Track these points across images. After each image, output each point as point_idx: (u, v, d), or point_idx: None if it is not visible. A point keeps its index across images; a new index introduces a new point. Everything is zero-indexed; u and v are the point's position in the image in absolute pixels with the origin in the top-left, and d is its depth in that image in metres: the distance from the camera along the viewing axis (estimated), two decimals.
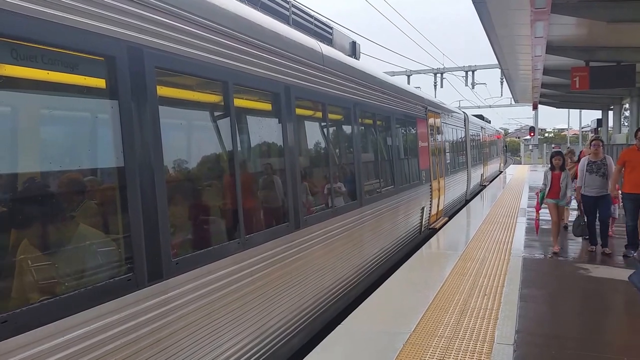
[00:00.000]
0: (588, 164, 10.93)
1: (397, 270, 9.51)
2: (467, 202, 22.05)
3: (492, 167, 37.26)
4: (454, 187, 19.54)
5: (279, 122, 6.58)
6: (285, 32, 6.96)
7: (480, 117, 36.36)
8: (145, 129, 4.13)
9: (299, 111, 7.03)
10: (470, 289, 8.17)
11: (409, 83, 36.13)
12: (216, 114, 5.55)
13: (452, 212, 18.63)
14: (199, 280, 4.68)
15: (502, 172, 42.57)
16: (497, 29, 13.65)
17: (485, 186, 29.13)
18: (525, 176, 35.26)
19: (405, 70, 39.11)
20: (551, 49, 15.56)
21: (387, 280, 8.81)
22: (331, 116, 8.42)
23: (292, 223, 6.64)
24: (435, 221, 15.56)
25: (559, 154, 11.26)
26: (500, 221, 15.01)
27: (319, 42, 8.24)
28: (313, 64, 7.52)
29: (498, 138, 46.00)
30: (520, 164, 63.42)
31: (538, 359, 5.78)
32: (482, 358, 5.63)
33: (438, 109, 17.57)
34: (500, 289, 8.18)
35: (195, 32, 4.85)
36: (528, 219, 15.24)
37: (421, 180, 13.81)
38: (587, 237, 11.31)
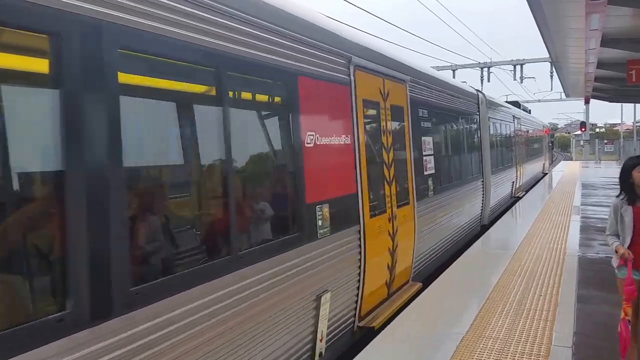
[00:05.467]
0: None
1: (447, 269, 9.40)
2: (485, 228, 14.23)
3: (531, 169, 27.75)
4: (447, 216, 11.01)
5: None
6: None
7: (516, 104, 27.56)
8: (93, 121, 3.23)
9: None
10: (524, 289, 7.99)
11: (454, 77, 33.89)
12: None
13: (445, 258, 10.83)
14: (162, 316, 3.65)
15: (546, 174, 34.43)
16: (549, 21, 13.27)
17: (519, 197, 20.87)
18: (577, 172, 34.33)
19: (450, 64, 38.54)
20: (605, 41, 15.02)
21: (436, 280, 8.71)
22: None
23: None
24: (381, 302, 7.51)
25: None
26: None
27: None
28: None
29: (546, 133, 40.07)
30: (572, 160, 61.96)
31: None
32: None
33: (387, 68, 8.09)
34: (556, 289, 7.98)
35: None
36: (582, 217, 14.84)
37: (331, 225, 6.08)
38: None
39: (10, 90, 3.02)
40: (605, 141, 67.30)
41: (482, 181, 14.78)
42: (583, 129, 53.93)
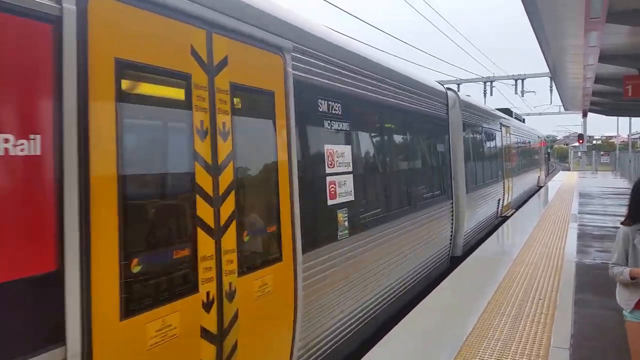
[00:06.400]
0: None
1: (450, 275, 9.55)
2: (458, 260, 11.07)
3: (524, 183, 24.56)
4: (382, 261, 7.48)
5: None
6: None
7: (507, 111, 23.57)
8: None
9: None
10: (524, 294, 8.23)
11: (458, 90, 32.63)
12: None
13: (391, 313, 7.96)
14: None
15: (541, 187, 31.93)
16: (549, 38, 13.65)
17: (507, 217, 17.84)
18: (574, 182, 34.85)
19: (455, 79, 39.20)
20: (602, 57, 15.38)
21: (438, 286, 8.84)
22: None
23: None
24: None
25: None
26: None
27: None
28: None
29: (542, 145, 37.69)
30: (569, 170, 62.76)
31: None
32: None
33: (223, 14, 4.21)
34: (555, 294, 8.21)
35: None
36: (579, 225, 15.16)
37: None
38: None
39: None
40: (602, 153, 67.74)
41: (452, 203, 11.55)
42: (581, 141, 54.23)
